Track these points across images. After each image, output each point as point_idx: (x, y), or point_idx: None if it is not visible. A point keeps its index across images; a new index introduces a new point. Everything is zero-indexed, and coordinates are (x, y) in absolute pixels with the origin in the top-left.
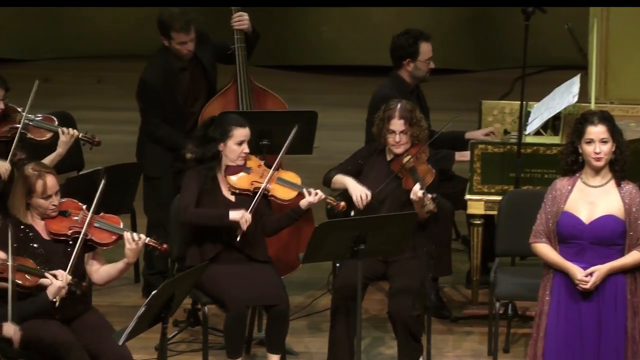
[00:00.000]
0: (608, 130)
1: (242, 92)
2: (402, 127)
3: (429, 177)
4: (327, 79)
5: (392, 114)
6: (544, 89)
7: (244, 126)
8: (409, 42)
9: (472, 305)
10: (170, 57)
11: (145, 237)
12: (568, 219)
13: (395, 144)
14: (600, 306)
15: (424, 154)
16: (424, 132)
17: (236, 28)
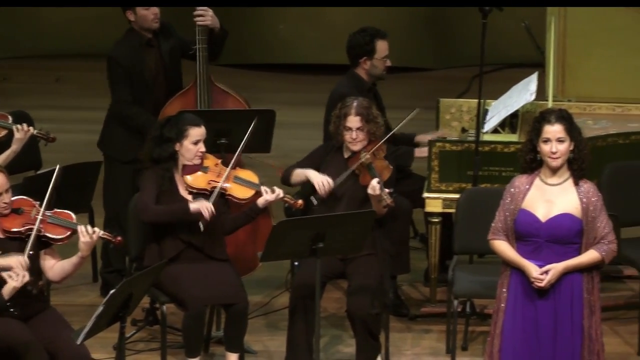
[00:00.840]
0: (565, 129)
1: (201, 93)
2: (358, 123)
3: (386, 173)
4: (284, 78)
5: (349, 111)
6: (501, 86)
7: (199, 125)
8: (365, 40)
9: (430, 303)
10: (136, 33)
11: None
12: (525, 217)
13: (352, 141)
14: (556, 304)
15: (381, 150)
16: (380, 128)
17: (199, 24)
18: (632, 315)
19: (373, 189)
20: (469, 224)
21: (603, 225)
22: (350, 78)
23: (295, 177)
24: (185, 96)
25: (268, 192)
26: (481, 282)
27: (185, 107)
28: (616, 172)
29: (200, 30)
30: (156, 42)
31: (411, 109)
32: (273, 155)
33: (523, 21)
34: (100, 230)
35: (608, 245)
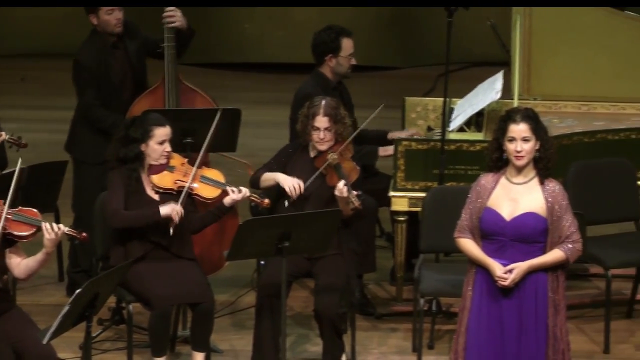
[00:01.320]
0: (530, 128)
1: (169, 91)
2: (326, 124)
3: (354, 174)
4: (250, 77)
5: (317, 111)
6: (467, 85)
7: (164, 125)
8: (330, 38)
9: (397, 302)
10: (100, 36)
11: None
12: (490, 216)
13: (319, 141)
14: (521, 303)
15: (348, 151)
16: (348, 129)
17: (168, 26)
18: (598, 313)
19: (340, 191)
20: (435, 223)
21: (568, 225)
22: (315, 77)
23: (264, 181)
24: (153, 94)
25: (235, 192)
26: (447, 280)
27: (153, 106)
28: (582, 171)
29: (167, 28)
30: (122, 43)
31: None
32: (239, 154)
33: (489, 20)
34: (65, 226)
35: (573, 244)
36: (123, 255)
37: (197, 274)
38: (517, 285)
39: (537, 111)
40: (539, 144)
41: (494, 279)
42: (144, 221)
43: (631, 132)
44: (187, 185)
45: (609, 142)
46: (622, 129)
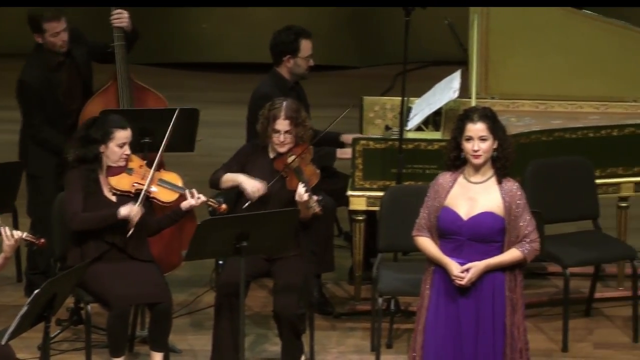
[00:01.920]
0: (488, 127)
1: (122, 91)
2: (287, 127)
3: (314, 179)
4: (208, 77)
5: (278, 114)
6: (424, 84)
7: (125, 128)
8: (289, 39)
9: (355, 301)
10: (45, 54)
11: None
12: (447, 215)
13: (279, 144)
14: (478, 302)
15: (308, 154)
16: (308, 132)
17: (115, 25)
18: (556, 312)
19: (301, 196)
20: (393, 222)
21: (526, 224)
22: (273, 77)
23: (225, 182)
24: (105, 95)
25: (192, 197)
26: (405, 279)
27: (106, 106)
28: (540, 169)
29: (117, 28)
30: (68, 58)
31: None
32: (197, 154)
33: (446, 19)
34: (23, 232)
35: (530, 244)
36: (79, 256)
37: (155, 274)
38: (474, 285)
39: (494, 110)
40: (496, 143)
41: (451, 278)
42: (102, 222)
43: (589, 131)
44: (145, 188)
45: (566, 141)
46: (580, 128)
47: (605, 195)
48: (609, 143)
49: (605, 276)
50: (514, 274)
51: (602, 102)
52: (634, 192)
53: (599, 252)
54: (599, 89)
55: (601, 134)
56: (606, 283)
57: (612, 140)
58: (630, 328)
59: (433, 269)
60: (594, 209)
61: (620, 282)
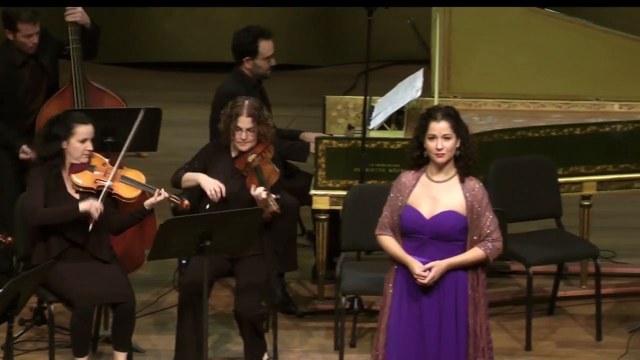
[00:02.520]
0: (451, 126)
1: (77, 92)
2: (249, 124)
3: (274, 177)
4: (171, 76)
5: (240, 112)
6: (387, 83)
7: (86, 123)
8: (248, 40)
9: (318, 300)
10: (12, 50)
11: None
12: (410, 214)
13: (241, 141)
14: (441, 301)
15: (269, 152)
16: (270, 130)
17: (69, 20)
18: (519, 310)
19: (258, 195)
20: (356, 221)
21: (488, 223)
22: (236, 76)
23: (186, 181)
24: (61, 97)
25: (154, 193)
26: (368, 278)
27: (62, 108)
28: (502, 168)
29: (72, 30)
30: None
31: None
32: (160, 153)
33: (409, 18)
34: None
35: (493, 243)
36: (44, 254)
37: (118, 273)
38: (437, 283)
39: (457, 109)
40: (459, 142)
41: (414, 277)
42: (63, 217)
43: (551, 130)
44: (107, 185)
45: (529, 140)
46: (542, 127)
47: (568, 193)
48: (572, 142)
49: (568, 275)
50: (477, 272)
51: (565, 101)
52: (596, 191)
53: (562, 250)
54: (562, 87)
55: (563, 132)
56: (569, 282)
57: (575, 139)
58: (593, 326)
59: (396, 267)
60: (557, 208)
61: (583, 280)
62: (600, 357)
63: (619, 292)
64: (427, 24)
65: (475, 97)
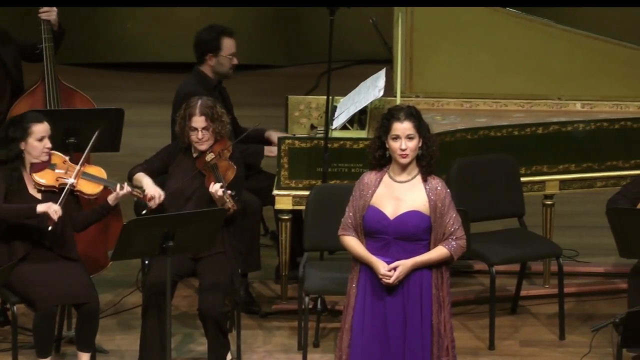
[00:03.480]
0: (414, 126)
1: (50, 91)
2: (203, 123)
3: (230, 174)
4: (134, 76)
5: (193, 112)
6: (349, 83)
7: (41, 122)
8: (211, 37)
9: (282, 300)
10: None
11: None
12: (373, 214)
13: (198, 141)
14: (405, 300)
15: (227, 150)
16: (226, 127)
17: (44, 18)
18: (482, 309)
19: (215, 192)
20: (319, 221)
21: (452, 222)
22: (196, 76)
23: (135, 180)
24: (32, 96)
25: (117, 188)
26: (332, 278)
27: (33, 107)
28: (465, 168)
29: (46, 28)
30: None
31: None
32: (122, 154)
33: (370, 17)
34: None
35: (456, 241)
36: (7, 255)
37: (82, 274)
38: (401, 283)
39: (419, 108)
40: (421, 142)
41: (378, 277)
42: (19, 214)
43: (514, 129)
44: (69, 182)
45: (491, 139)
46: (505, 126)
47: (531, 193)
48: (534, 141)
49: (531, 274)
50: (441, 271)
51: (527, 100)
52: (559, 190)
53: (525, 249)
54: (524, 87)
55: (526, 132)
56: (532, 281)
57: (537, 139)
58: (556, 325)
59: (359, 268)
60: (520, 207)
61: (546, 279)
62: (563, 356)
63: (581, 291)
64: (389, 24)
65: (437, 97)
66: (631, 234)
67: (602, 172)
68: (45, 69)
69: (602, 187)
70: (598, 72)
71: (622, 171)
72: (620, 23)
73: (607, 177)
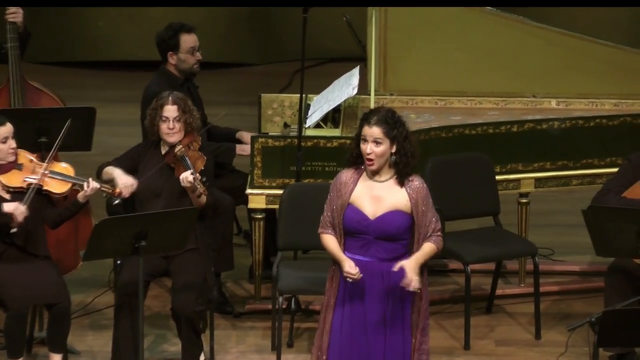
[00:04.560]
0: (384, 132)
1: (15, 92)
2: (175, 113)
3: (200, 163)
4: (105, 75)
5: (165, 102)
6: (323, 81)
7: (4, 124)
8: (169, 35)
9: (255, 300)
10: None
11: None
12: (353, 214)
13: (168, 132)
14: (386, 300)
15: (195, 142)
16: (196, 120)
17: (11, 20)
18: (457, 309)
19: (185, 178)
20: (293, 220)
21: (435, 219)
22: (161, 74)
23: (104, 174)
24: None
25: (84, 185)
26: (306, 278)
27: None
28: (439, 166)
29: (11, 29)
30: None
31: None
32: (94, 153)
33: (344, 15)
34: None
35: (438, 236)
36: None
37: (53, 274)
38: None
39: (393, 107)
40: (394, 148)
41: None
42: None
43: (488, 127)
44: (36, 181)
45: (466, 137)
46: (480, 124)
47: (506, 191)
48: (509, 139)
49: (507, 273)
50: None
51: (502, 98)
52: (534, 188)
53: (500, 248)
54: (499, 84)
55: (501, 130)
56: (507, 280)
57: (512, 136)
58: (532, 325)
59: (335, 268)
60: (495, 206)
61: (521, 278)
62: (539, 355)
63: (557, 290)
64: (362, 22)
65: (411, 95)
66: (607, 233)
67: (577, 170)
68: (10, 70)
69: (578, 185)
70: (573, 70)
71: (597, 169)
72: (595, 20)
73: (583, 175)
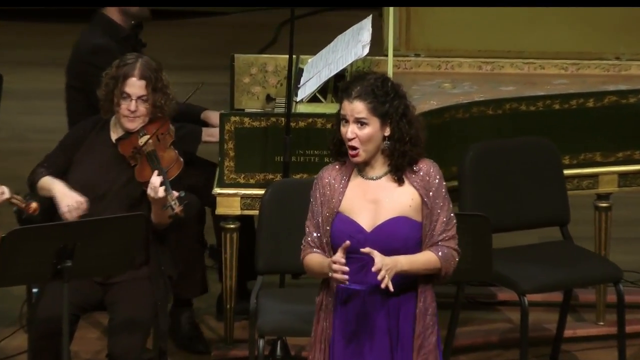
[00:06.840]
0: (369, 108)
1: None
2: (142, 91)
3: (176, 169)
4: (12, 26)
5: (130, 71)
6: (321, 36)
7: None
8: None
9: (226, 344)
10: None
11: None
12: (344, 226)
13: (128, 115)
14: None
15: (168, 135)
16: (170, 102)
17: None
18: (510, 356)
19: (154, 189)
20: (278, 231)
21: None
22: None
23: (40, 189)
24: None
25: None
26: (295, 313)
27: None
28: (484, 156)
29: None
30: None
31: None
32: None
33: None
34: None
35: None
36: None
37: None
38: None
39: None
40: (389, 130)
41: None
42: None
43: (553, 101)
44: None
45: (522, 115)
46: (541, 96)
47: (578, 191)
48: (582, 119)
49: (579, 306)
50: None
51: (572, 61)
52: (617, 188)
53: (570, 272)
54: (567, 41)
55: (571, 105)
56: (580, 316)
57: (587, 115)
58: None
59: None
60: (562, 212)
61: (599, 314)
62: None
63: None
64: None
65: (446, 56)
66: None
67: None
68: None
69: None
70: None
71: None
72: None
73: None
